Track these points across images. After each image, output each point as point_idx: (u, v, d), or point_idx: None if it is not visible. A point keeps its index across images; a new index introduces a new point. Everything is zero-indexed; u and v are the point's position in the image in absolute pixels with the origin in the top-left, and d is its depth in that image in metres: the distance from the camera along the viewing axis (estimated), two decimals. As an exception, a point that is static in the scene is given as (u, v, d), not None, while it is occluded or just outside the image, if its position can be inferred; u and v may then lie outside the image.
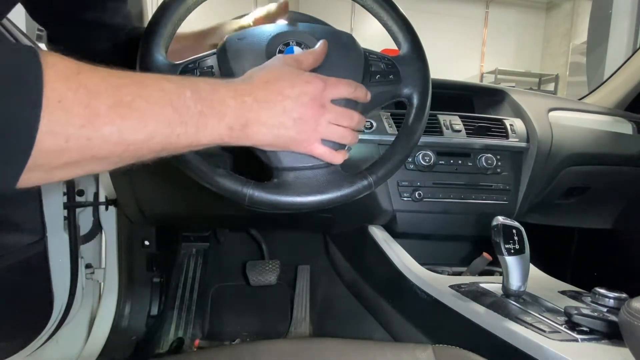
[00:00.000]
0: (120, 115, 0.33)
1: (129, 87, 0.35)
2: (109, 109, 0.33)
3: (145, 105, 0.35)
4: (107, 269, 1.09)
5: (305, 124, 0.45)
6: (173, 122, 0.37)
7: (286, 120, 0.44)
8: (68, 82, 0.31)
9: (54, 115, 0.30)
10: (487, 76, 5.99)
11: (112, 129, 0.33)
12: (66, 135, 0.31)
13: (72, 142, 0.31)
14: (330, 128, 0.47)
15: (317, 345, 0.58)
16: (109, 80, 0.34)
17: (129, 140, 0.34)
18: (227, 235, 1.39)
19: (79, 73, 0.32)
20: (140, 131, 0.35)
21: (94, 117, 0.32)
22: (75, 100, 0.31)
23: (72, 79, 0.31)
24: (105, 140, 0.33)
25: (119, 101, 0.33)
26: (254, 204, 0.50)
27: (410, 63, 0.57)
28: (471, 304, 0.67)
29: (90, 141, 0.32)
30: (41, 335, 0.84)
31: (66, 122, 0.30)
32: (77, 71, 0.32)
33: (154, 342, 1.16)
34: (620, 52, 1.85)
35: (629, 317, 0.44)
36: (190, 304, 1.26)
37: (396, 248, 0.89)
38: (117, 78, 0.34)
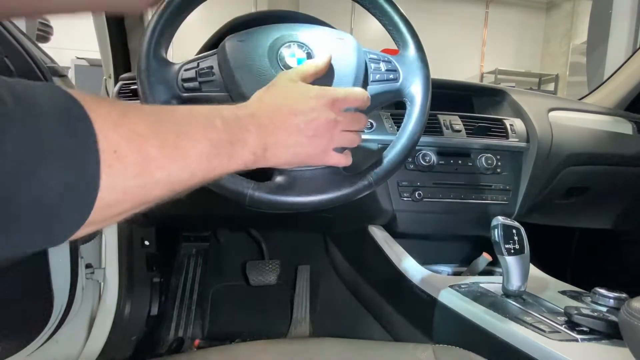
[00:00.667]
0: (169, 157, 0.31)
1: (169, 124, 0.33)
2: (158, 151, 0.30)
3: (186, 142, 0.33)
4: (107, 269, 1.09)
5: (321, 139, 0.46)
6: (211, 155, 0.35)
7: (302, 138, 0.45)
8: (118, 128, 0.28)
9: (112, 168, 0.27)
10: (487, 76, 5.99)
11: (162, 173, 0.31)
12: (124, 187, 0.28)
13: (129, 194, 0.29)
14: (342, 136, 0.48)
15: (317, 345, 0.58)
16: (151, 119, 0.31)
17: (176, 181, 0.33)
18: (227, 235, 1.39)
19: (125, 116, 0.29)
20: (185, 170, 0.33)
21: (147, 163, 0.29)
22: (129, 148, 0.28)
23: (120, 125, 0.28)
24: (157, 185, 0.31)
25: (164, 142, 0.31)
26: (254, 204, 0.50)
27: (410, 63, 0.57)
28: (471, 304, 0.67)
29: (144, 189, 0.30)
30: (41, 335, 0.84)
31: (124, 174, 0.28)
32: (122, 113, 0.29)
33: (154, 342, 1.16)
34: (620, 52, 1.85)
35: (629, 317, 0.44)
36: (190, 304, 1.26)
37: (396, 248, 0.89)
38: (157, 115, 0.32)
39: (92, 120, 0.26)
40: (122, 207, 0.29)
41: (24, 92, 0.24)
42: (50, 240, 0.26)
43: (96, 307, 1.11)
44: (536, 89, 5.84)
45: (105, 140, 0.26)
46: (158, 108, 0.34)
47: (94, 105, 0.27)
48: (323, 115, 0.46)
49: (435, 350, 0.55)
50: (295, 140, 0.44)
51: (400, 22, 0.58)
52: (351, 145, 0.50)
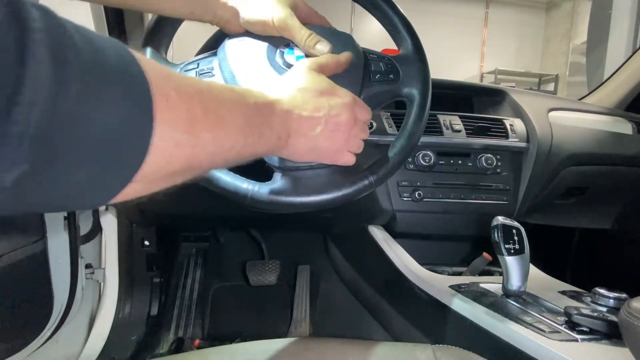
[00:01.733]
0: (212, 122, 0.31)
1: (209, 94, 0.32)
2: (203, 114, 0.30)
3: (226, 113, 0.33)
4: (107, 269, 1.09)
5: (340, 136, 0.47)
6: (246, 130, 0.36)
7: (323, 132, 0.45)
8: (167, 82, 0.28)
9: (164, 114, 0.26)
10: (487, 76, 5.99)
11: (208, 137, 0.31)
12: (175, 139, 0.28)
13: (179, 149, 0.28)
14: (354, 140, 0.49)
15: (317, 345, 0.58)
16: (194, 83, 0.31)
17: (219, 148, 0.32)
18: (227, 235, 1.39)
19: (169, 75, 0.29)
20: (226, 139, 0.33)
21: (194, 122, 0.29)
22: (179, 101, 0.28)
23: (169, 80, 0.28)
24: (203, 147, 0.30)
25: (207, 108, 0.31)
26: (254, 203, 0.50)
27: (410, 62, 0.57)
28: (471, 304, 0.67)
29: (192, 148, 0.29)
30: (41, 335, 0.84)
31: (175, 125, 0.27)
32: (167, 72, 0.29)
33: (154, 342, 1.16)
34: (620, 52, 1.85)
35: (629, 317, 0.44)
36: (190, 304, 1.26)
37: (396, 248, 0.89)
38: (198, 83, 0.32)
39: (143, 67, 0.26)
40: (173, 164, 0.28)
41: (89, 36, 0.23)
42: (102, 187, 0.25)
43: (96, 307, 1.11)
44: (536, 89, 5.84)
45: (157, 87, 0.26)
46: (195, 79, 0.33)
47: (142, 57, 0.27)
48: (345, 113, 0.47)
49: (435, 350, 0.55)
50: (317, 133, 0.45)
51: (400, 22, 0.58)
52: (358, 150, 0.51)
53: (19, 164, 0.20)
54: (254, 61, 0.53)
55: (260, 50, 0.53)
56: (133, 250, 1.14)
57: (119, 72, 0.24)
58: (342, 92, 0.48)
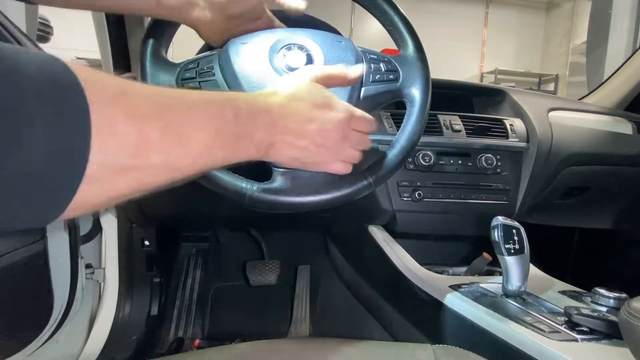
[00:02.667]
0: (170, 142, 0.30)
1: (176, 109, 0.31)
2: (160, 135, 0.29)
3: (192, 130, 0.32)
4: (107, 269, 1.09)
5: (327, 150, 0.46)
6: (214, 146, 0.34)
7: (310, 145, 0.45)
8: (115, 103, 0.26)
9: (105, 143, 0.25)
10: (487, 76, 5.99)
11: (160, 158, 0.29)
12: (117, 166, 0.26)
13: (122, 175, 0.27)
14: (348, 152, 0.49)
15: (317, 345, 0.58)
16: (156, 101, 0.30)
17: (174, 167, 0.31)
18: (227, 235, 1.39)
19: (124, 93, 0.27)
20: (185, 158, 0.32)
21: (145, 145, 0.28)
22: (127, 126, 0.26)
23: (119, 100, 0.27)
24: (153, 169, 0.29)
25: (167, 126, 0.30)
26: (254, 203, 0.50)
27: (410, 63, 0.57)
28: (471, 304, 0.67)
29: (139, 172, 0.28)
30: (41, 335, 0.84)
31: (118, 152, 0.26)
32: (122, 90, 0.27)
33: (154, 342, 1.16)
34: (620, 52, 1.85)
35: (629, 317, 0.44)
36: (190, 304, 1.26)
37: (396, 248, 0.89)
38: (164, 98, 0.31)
39: (85, 91, 0.24)
40: (115, 188, 0.27)
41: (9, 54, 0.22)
42: (38, 216, 0.24)
43: (96, 307, 1.11)
44: (536, 89, 5.84)
45: (99, 113, 0.24)
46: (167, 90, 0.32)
47: (90, 76, 0.25)
48: (337, 128, 0.46)
49: (435, 350, 0.55)
50: (303, 145, 0.44)
51: (400, 22, 0.58)
52: (352, 161, 0.50)
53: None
54: (256, 62, 0.53)
55: (262, 52, 0.53)
56: (133, 250, 1.14)
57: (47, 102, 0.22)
58: (339, 106, 0.47)
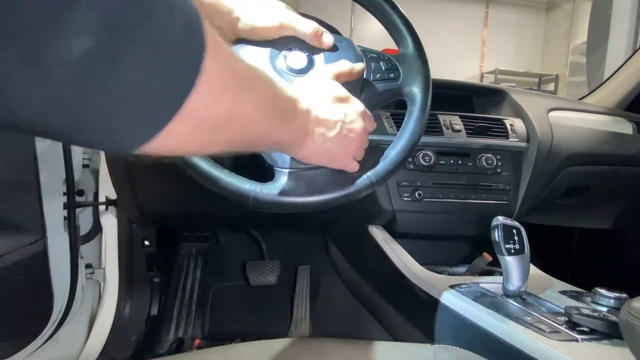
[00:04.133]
0: (252, 89, 0.32)
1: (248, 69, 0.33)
2: (245, 77, 0.31)
3: (263, 90, 0.34)
4: (107, 269, 1.09)
5: (352, 142, 0.48)
6: (275, 114, 0.37)
7: (338, 136, 0.46)
8: (214, 32, 0.28)
9: (214, 52, 0.26)
10: (487, 76, 5.99)
11: (247, 97, 0.32)
12: (220, 83, 0.28)
13: (222, 97, 0.28)
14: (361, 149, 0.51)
15: (317, 345, 0.58)
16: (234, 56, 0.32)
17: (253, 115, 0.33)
18: (227, 235, 1.39)
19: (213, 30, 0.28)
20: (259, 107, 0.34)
21: (237, 77, 0.30)
22: (225, 50, 0.29)
23: (214, 33, 0.28)
24: (243, 106, 0.31)
25: (248, 75, 0.32)
26: (257, 204, 0.50)
27: (410, 61, 0.57)
28: (471, 304, 0.67)
29: (234, 102, 0.30)
30: (41, 335, 0.84)
31: (224, 65, 0.28)
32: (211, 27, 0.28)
33: (154, 342, 1.16)
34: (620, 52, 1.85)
35: (629, 317, 0.44)
36: (190, 304, 1.26)
37: (396, 248, 0.89)
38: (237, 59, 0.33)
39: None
40: (214, 110, 0.28)
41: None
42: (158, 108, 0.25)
43: (96, 307, 1.11)
44: (536, 89, 5.84)
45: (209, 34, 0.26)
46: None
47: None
48: (359, 121, 0.48)
49: (435, 350, 0.55)
50: (332, 135, 0.46)
51: (400, 22, 0.58)
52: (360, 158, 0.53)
53: (86, 35, 0.19)
54: (257, 64, 0.53)
55: (262, 56, 0.53)
56: (133, 250, 1.14)
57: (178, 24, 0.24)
58: (355, 100, 0.49)
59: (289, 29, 0.52)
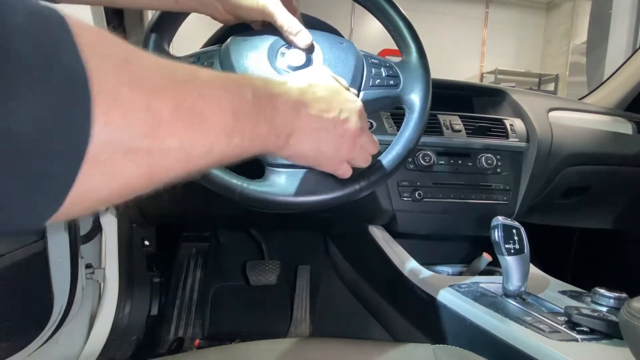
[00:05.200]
0: (184, 121, 0.25)
1: (190, 84, 0.27)
2: (171, 113, 0.24)
3: (207, 109, 0.28)
4: (107, 269, 1.09)
5: (345, 143, 0.44)
6: (233, 130, 0.30)
7: (329, 135, 0.42)
8: (119, 72, 0.22)
9: (110, 118, 0.21)
10: (487, 76, 5.99)
11: (174, 140, 0.25)
12: (125, 147, 0.22)
13: (130, 159, 0.23)
14: (361, 152, 0.47)
15: (317, 345, 0.58)
16: (164, 73, 0.25)
17: (191, 154, 0.27)
18: (227, 235, 1.39)
19: (127, 61, 0.23)
20: (202, 142, 0.27)
21: (157, 124, 0.24)
22: (134, 99, 0.22)
23: (123, 69, 0.22)
24: (166, 155, 0.25)
25: (180, 103, 0.25)
26: (243, 199, 0.49)
27: (412, 69, 0.57)
28: (471, 304, 0.67)
29: (150, 157, 0.24)
30: (41, 335, 0.84)
31: (127, 130, 0.22)
32: (124, 57, 0.23)
33: (154, 342, 1.16)
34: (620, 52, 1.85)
35: (629, 317, 0.44)
36: (190, 304, 1.26)
37: (396, 248, 0.89)
38: (173, 70, 0.26)
39: (84, 53, 0.20)
40: (123, 176, 0.23)
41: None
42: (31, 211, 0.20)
43: (96, 307, 1.11)
44: (536, 89, 5.84)
45: (102, 82, 0.20)
46: (176, 63, 0.27)
47: (88, 36, 0.21)
48: (354, 120, 0.44)
49: (435, 350, 0.55)
50: (323, 135, 0.42)
51: (404, 28, 0.57)
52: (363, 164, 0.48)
53: None
54: (255, 60, 0.53)
55: (261, 51, 0.53)
56: (133, 250, 1.15)
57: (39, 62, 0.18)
58: (354, 97, 0.46)
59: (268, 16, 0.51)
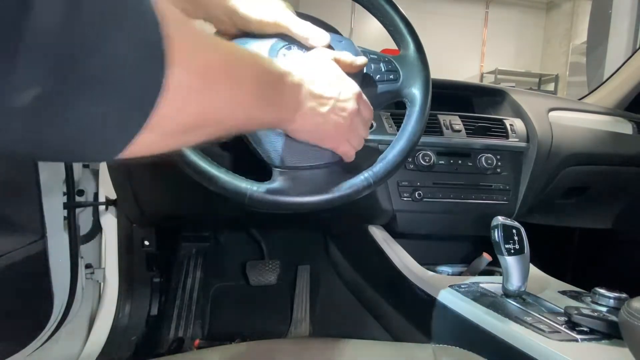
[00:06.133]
0: (227, 75, 0.31)
1: (226, 48, 0.32)
2: (219, 66, 0.30)
3: (241, 70, 0.33)
4: (107, 269, 1.09)
5: (344, 122, 0.47)
6: (257, 94, 0.36)
7: (330, 114, 0.46)
8: (184, 28, 0.27)
9: (179, 60, 0.25)
10: (487, 76, 5.99)
11: (221, 89, 0.31)
12: (189, 86, 0.27)
13: (192, 96, 0.28)
14: (355, 133, 0.50)
15: (317, 345, 0.58)
16: (210, 37, 0.31)
17: (231, 105, 0.33)
18: (227, 235, 1.39)
19: (186, 21, 0.27)
20: (238, 96, 0.33)
21: (210, 71, 0.29)
22: (195, 48, 0.28)
23: (186, 27, 0.27)
24: (216, 100, 0.31)
25: (223, 60, 0.31)
26: (253, 203, 0.50)
27: (410, 63, 0.57)
28: (471, 304, 0.67)
29: (206, 99, 0.29)
30: (41, 335, 0.84)
31: (189, 70, 0.27)
32: (184, 20, 0.27)
33: (154, 342, 1.16)
34: (620, 52, 1.85)
35: (629, 317, 0.45)
36: (190, 304, 1.26)
37: (396, 248, 0.89)
38: (214, 37, 0.32)
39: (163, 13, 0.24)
40: (186, 112, 0.28)
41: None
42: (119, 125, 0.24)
43: (96, 307, 1.11)
44: (536, 89, 5.84)
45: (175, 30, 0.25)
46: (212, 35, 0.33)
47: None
48: (352, 101, 0.47)
49: (435, 350, 0.55)
50: (325, 112, 0.45)
51: (401, 23, 0.58)
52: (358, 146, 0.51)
53: (31, 83, 0.19)
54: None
55: (262, 51, 0.53)
56: (133, 250, 1.14)
57: (134, 8, 0.23)
58: (351, 82, 0.49)
59: (284, 28, 0.52)
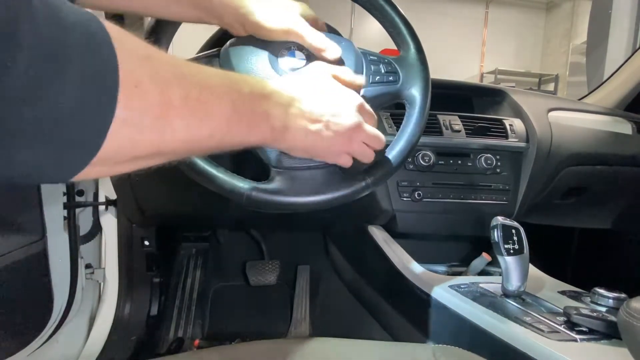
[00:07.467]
0: (190, 108, 0.31)
1: (196, 77, 0.32)
2: (181, 100, 0.30)
3: (211, 99, 0.33)
4: (107, 269, 1.09)
5: (341, 137, 0.46)
6: (232, 120, 0.35)
7: (325, 130, 0.44)
8: (142, 64, 0.27)
9: (131, 100, 0.26)
10: (487, 76, 5.99)
11: (182, 124, 0.30)
12: (141, 125, 0.27)
13: (145, 135, 0.28)
14: (359, 146, 0.48)
15: (317, 345, 0.58)
16: (177, 67, 0.31)
17: (195, 136, 0.32)
18: (227, 235, 1.39)
19: (148, 56, 0.28)
20: (205, 127, 0.33)
21: (168, 108, 0.29)
22: (152, 86, 0.28)
23: (145, 62, 0.28)
24: (174, 135, 0.30)
25: (188, 93, 0.31)
26: (251, 203, 0.50)
27: (410, 64, 0.57)
28: (471, 304, 0.67)
29: (161, 135, 0.29)
30: (41, 335, 0.84)
31: (143, 111, 0.27)
32: (146, 53, 0.28)
33: (154, 342, 1.16)
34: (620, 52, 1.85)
35: (628, 317, 0.45)
36: (190, 304, 1.26)
37: (396, 248, 0.89)
38: (183, 66, 0.32)
39: (115, 49, 0.25)
40: (136, 149, 0.28)
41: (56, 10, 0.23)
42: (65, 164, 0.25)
43: (96, 307, 1.11)
44: (536, 89, 5.84)
45: (127, 71, 0.26)
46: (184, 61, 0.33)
47: (119, 35, 0.26)
48: (349, 117, 0.46)
49: (434, 350, 0.55)
50: (317, 129, 0.44)
51: (401, 24, 0.58)
52: (364, 159, 0.50)
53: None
54: (257, 66, 0.53)
55: (262, 56, 0.53)
56: (133, 250, 1.15)
57: (82, 53, 0.23)
58: (350, 95, 0.47)
59: (296, 36, 0.52)
